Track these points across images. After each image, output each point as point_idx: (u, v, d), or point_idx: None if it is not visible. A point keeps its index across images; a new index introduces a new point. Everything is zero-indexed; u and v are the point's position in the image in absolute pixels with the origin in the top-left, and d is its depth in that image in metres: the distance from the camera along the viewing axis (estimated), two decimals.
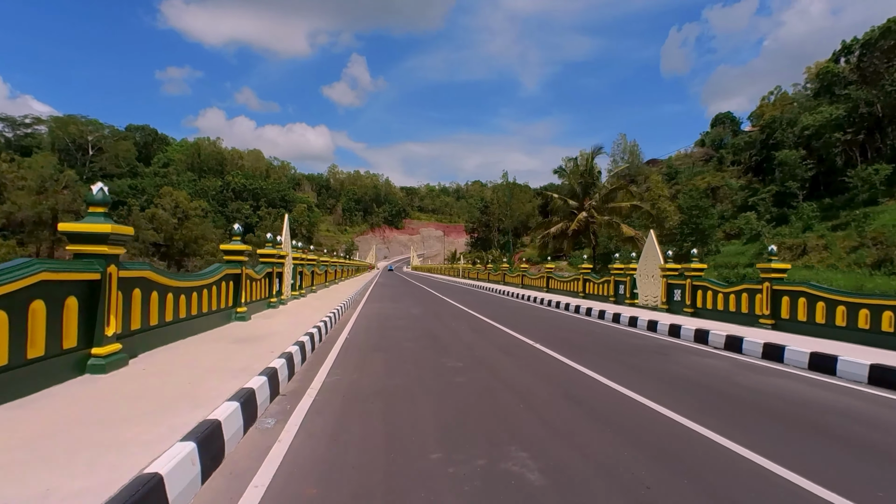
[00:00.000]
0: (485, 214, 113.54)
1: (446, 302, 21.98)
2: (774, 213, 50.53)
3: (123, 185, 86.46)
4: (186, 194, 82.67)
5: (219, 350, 7.45)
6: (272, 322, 11.15)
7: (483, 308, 18.76)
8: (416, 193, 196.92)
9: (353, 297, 20.23)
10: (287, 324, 10.91)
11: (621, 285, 19.83)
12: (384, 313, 15.81)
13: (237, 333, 9.15)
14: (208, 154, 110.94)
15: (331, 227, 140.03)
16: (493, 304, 21.69)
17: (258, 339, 8.64)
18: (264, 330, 9.78)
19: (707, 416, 5.25)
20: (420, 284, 38.10)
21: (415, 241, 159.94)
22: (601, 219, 33.50)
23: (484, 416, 5.15)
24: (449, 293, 28.12)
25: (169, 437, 3.57)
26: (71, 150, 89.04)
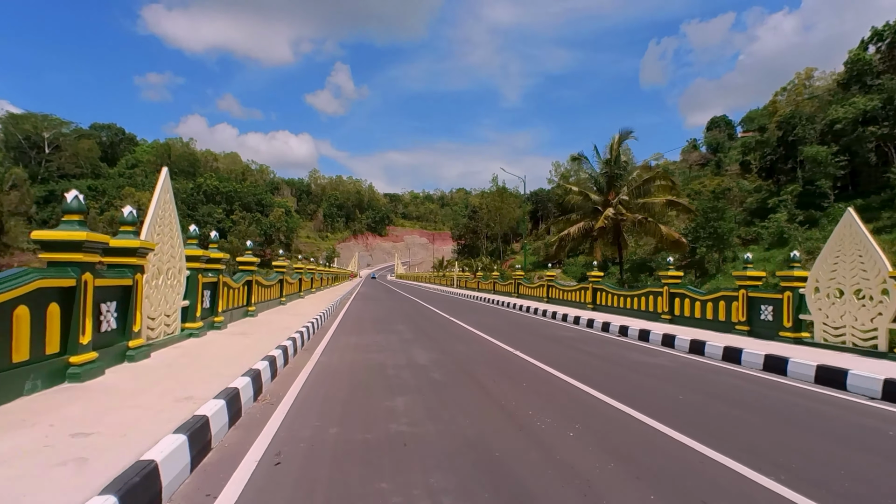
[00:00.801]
0: (472, 220, 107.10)
1: (466, 330, 12.74)
2: (798, 215, 44.91)
3: (82, 186, 77.84)
4: (150, 195, 74.49)
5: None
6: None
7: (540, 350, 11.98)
8: (400, 200, 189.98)
9: (318, 321, 13.13)
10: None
11: (765, 306, 11.35)
12: (365, 364, 7.71)
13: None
14: (180, 155, 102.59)
15: (311, 233, 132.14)
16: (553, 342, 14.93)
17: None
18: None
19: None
20: (411, 296, 31.04)
21: (399, 249, 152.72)
22: (631, 217, 27.07)
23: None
24: (455, 310, 20.71)
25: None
26: (24, 148, 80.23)
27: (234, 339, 8.84)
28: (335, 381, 6.47)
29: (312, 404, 5.37)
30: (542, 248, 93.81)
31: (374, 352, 8.88)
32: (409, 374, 6.92)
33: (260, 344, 8.06)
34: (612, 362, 8.42)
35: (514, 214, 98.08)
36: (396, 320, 15.16)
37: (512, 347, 9.55)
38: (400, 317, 16.63)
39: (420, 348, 9.36)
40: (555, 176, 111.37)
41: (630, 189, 27.72)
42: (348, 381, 6.55)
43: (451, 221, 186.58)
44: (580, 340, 11.09)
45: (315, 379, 6.61)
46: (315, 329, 11.74)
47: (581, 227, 28.18)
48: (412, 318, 15.97)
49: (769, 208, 49.27)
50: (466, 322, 14.72)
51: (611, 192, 28.56)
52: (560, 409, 5.32)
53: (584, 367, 7.78)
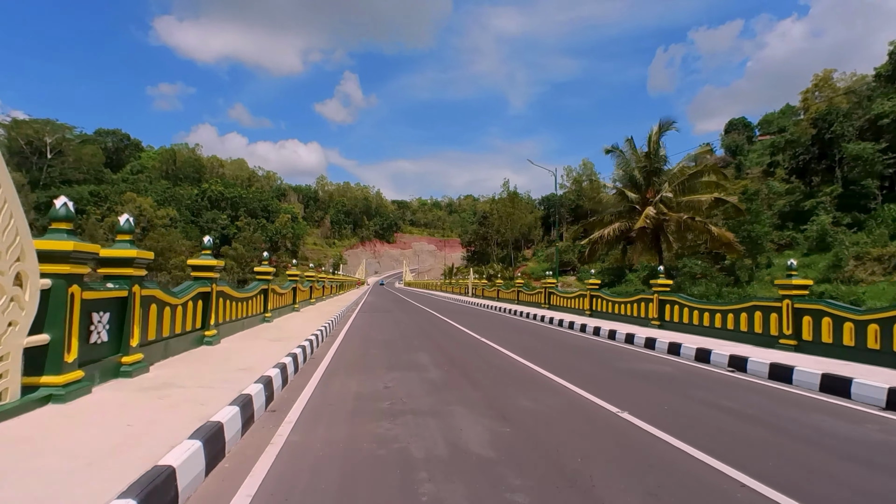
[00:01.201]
0: (483, 227, 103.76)
1: (514, 362, 8.99)
2: (842, 217, 41.22)
3: (84, 192, 75.48)
4: (152, 201, 71.84)
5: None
6: None
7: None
8: (408, 207, 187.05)
9: (307, 348, 9.36)
10: None
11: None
12: (372, 460, 3.92)
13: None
14: (185, 161, 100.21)
15: (318, 240, 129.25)
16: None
17: None
18: None
19: None
20: (424, 307, 27.35)
21: (407, 256, 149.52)
22: (675, 216, 23.62)
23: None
24: (484, 327, 16.19)
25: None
26: (27, 154, 77.98)
27: (140, 401, 4.92)
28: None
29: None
30: (602, 246, 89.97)
31: (386, 419, 5.12)
32: (463, 490, 3.41)
33: (170, 419, 4.33)
34: (757, 422, 5.02)
35: (526, 220, 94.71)
36: (414, 344, 11.26)
37: (608, 402, 6.02)
38: (418, 338, 12.61)
39: (461, 405, 5.76)
40: (567, 181, 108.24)
41: (673, 185, 24.24)
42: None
43: (459, 228, 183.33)
44: (699, 386, 7.54)
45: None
46: (300, 363, 8.26)
47: (617, 229, 24.72)
48: (434, 341, 12.18)
49: (805, 211, 45.58)
50: (508, 347, 11.08)
51: (649, 190, 25.10)
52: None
53: (761, 452, 4.35)
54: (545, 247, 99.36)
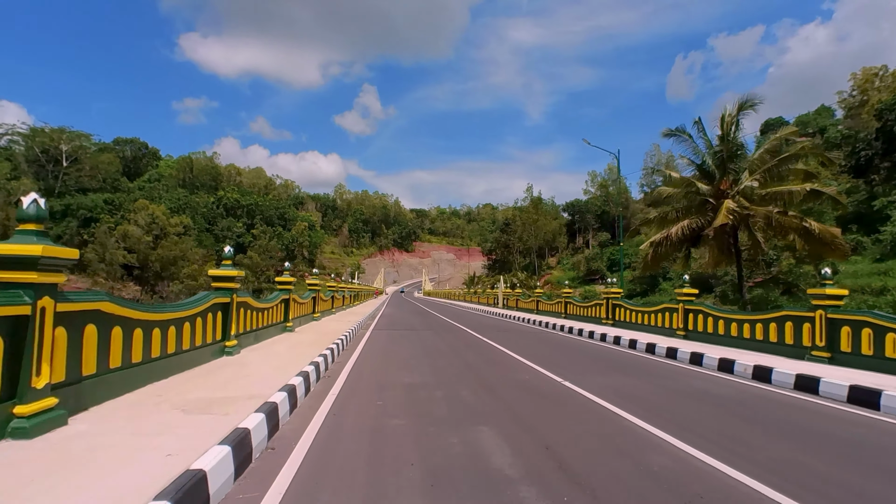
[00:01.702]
0: (505, 234, 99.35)
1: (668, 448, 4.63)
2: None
3: (98, 200, 73.19)
4: (165, 209, 69.09)
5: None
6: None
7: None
8: (427, 216, 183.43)
9: (281, 405, 5.24)
10: None
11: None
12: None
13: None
14: (202, 169, 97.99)
15: (336, 248, 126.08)
16: None
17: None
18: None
19: None
20: (456, 323, 22.71)
21: (426, 265, 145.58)
22: (761, 210, 19.09)
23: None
24: (557, 361, 10.76)
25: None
26: (42, 162, 76.19)
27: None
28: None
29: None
30: (583, 262, 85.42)
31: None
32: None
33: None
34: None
35: (550, 227, 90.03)
36: (463, 400, 6.59)
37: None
38: (464, 382, 7.76)
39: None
40: (591, 186, 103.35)
41: (757, 174, 19.69)
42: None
43: (478, 237, 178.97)
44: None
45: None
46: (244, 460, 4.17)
47: (687, 227, 20.22)
48: (495, 392, 7.15)
49: (873, 212, 40.32)
50: (645, 416, 6.77)
51: (724, 180, 20.58)
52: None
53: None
54: (570, 254, 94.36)
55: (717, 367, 10.04)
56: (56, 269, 4.40)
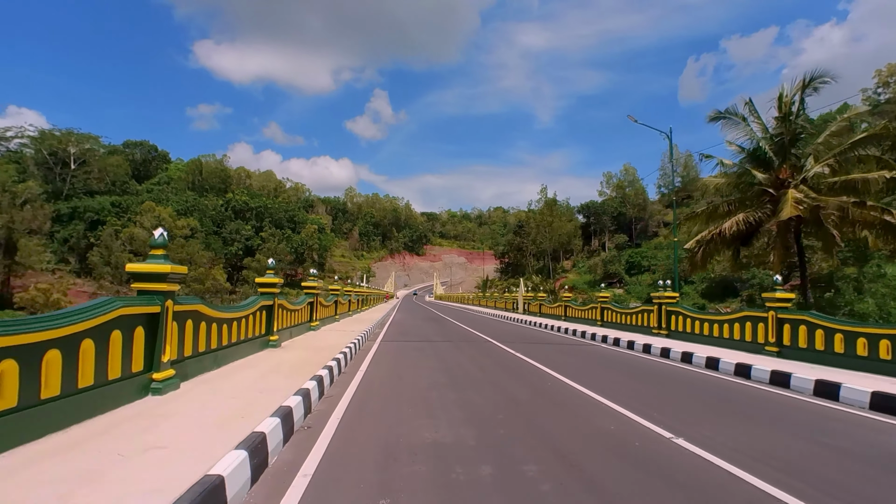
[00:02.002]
0: (518, 236, 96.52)
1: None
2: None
3: (105, 203, 71.72)
4: (172, 211, 67.33)
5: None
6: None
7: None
8: (437, 219, 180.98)
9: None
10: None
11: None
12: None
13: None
14: (211, 172, 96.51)
15: (346, 252, 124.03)
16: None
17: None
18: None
19: None
20: (477, 332, 19.40)
21: (437, 268, 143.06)
22: (833, 201, 16.28)
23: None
24: (648, 391, 8.20)
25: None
26: (50, 164, 75.00)
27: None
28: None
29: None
30: (600, 265, 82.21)
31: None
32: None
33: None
34: None
35: (566, 229, 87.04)
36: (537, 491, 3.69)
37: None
38: (528, 450, 4.71)
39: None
40: (606, 188, 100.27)
41: (824, 160, 16.89)
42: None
43: (490, 240, 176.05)
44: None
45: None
46: None
47: (742, 222, 17.44)
48: (588, 478, 4.00)
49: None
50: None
51: (783, 168, 17.78)
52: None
53: None
54: (586, 257, 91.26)
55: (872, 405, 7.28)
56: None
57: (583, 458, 4.57)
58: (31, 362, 3.98)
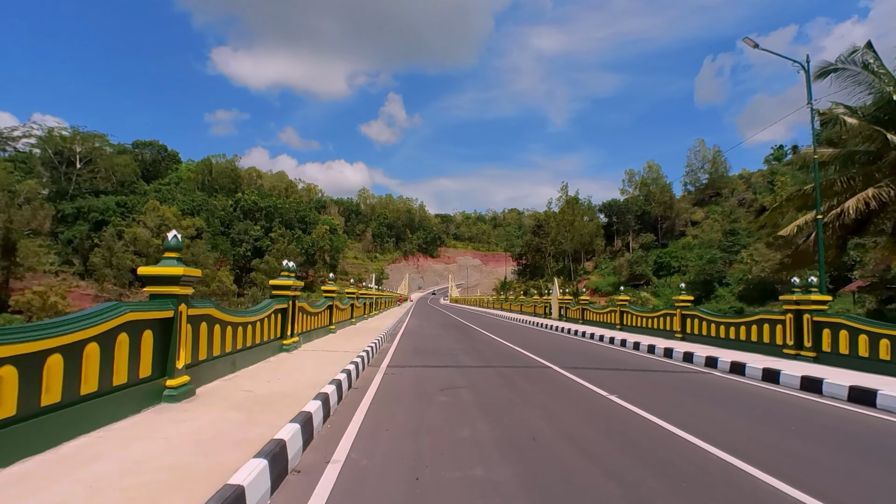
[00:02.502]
0: (536, 237, 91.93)
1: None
2: None
3: (110, 202, 68.80)
4: (177, 210, 64.01)
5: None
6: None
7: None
8: (452, 221, 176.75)
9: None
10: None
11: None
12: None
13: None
14: (221, 171, 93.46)
15: (359, 254, 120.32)
16: None
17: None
18: None
19: None
20: (517, 347, 14.93)
21: (451, 270, 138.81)
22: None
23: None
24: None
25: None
26: (55, 163, 72.34)
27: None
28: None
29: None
30: (625, 265, 77.11)
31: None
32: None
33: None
34: None
35: (588, 229, 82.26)
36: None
37: None
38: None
39: None
40: (628, 185, 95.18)
41: None
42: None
43: (504, 242, 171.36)
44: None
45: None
46: None
47: (873, 198, 12.87)
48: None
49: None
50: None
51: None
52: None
53: None
54: (608, 258, 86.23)
55: None
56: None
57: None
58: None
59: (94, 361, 4.47)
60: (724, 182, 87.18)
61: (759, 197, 75.34)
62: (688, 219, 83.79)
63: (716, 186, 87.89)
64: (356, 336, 14.93)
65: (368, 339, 13.48)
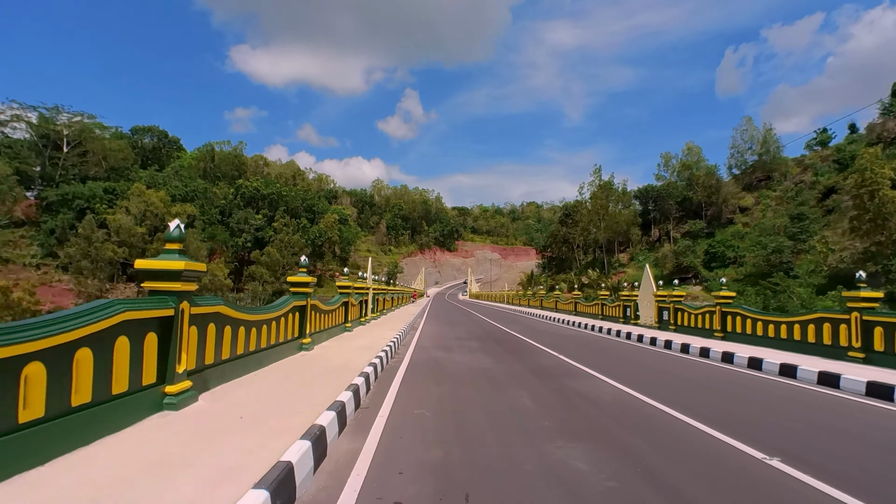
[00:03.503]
0: (564, 226, 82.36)
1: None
2: None
3: (97, 189, 61.35)
4: (165, 195, 56.16)
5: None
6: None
7: None
8: (469, 214, 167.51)
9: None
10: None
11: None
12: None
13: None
14: (224, 159, 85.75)
15: (373, 247, 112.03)
16: None
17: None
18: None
19: None
20: (688, 418, 7.25)
21: (469, 265, 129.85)
22: None
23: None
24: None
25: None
26: (38, 146, 65.15)
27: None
28: None
29: None
30: (670, 257, 67.38)
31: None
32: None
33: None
34: None
35: (623, 216, 72.51)
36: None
37: None
38: None
39: None
40: (664, 170, 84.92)
41: None
42: None
43: (524, 235, 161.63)
44: None
45: None
46: None
47: None
48: None
49: None
50: None
51: None
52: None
53: None
54: (645, 249, 76.41)
55: None
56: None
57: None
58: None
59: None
60: (776, 164, 76.41)
61: (820, 179, 65.08)
62: (736, 205, 73.38)
63: (766, 169, 77.18)
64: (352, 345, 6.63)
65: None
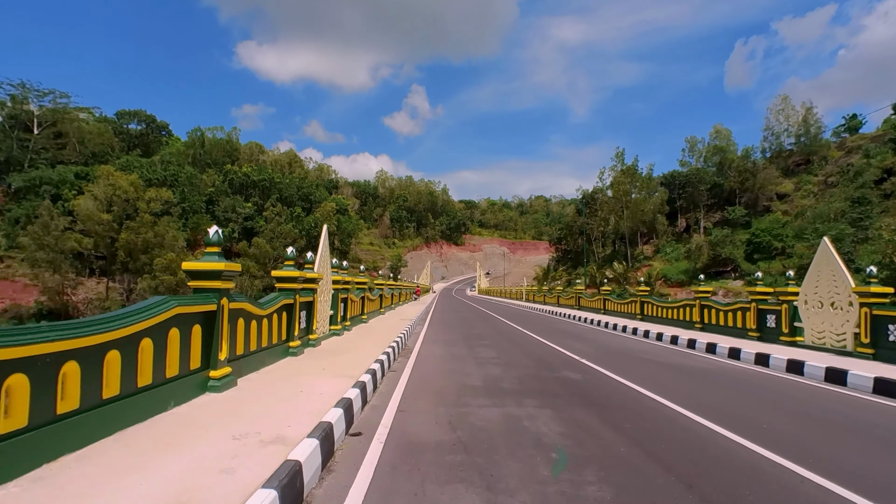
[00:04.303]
0: (580, 217, 74.63)
1: None
2: None
3: (68, 173, 54.43)
4: (137, 179, 49.03)
5: None
6: None
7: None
8: (476, 207, 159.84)
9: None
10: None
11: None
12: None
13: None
14: (215, 145, 78.63)
15: (376, 240, 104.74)
16: None
17: None
18: None
19: None
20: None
21: (477, 259, 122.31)
22: None
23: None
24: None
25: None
26: (5, 128, 58.19)
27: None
28: None
29: None
30: (705, 247, 59.78)
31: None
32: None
33: None
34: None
35: (648, 204, 64.72)
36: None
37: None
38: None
39: None
40: (689, 156, 76.90)
41: None
42: None
43: (532, 229, 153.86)
44: None
45: None
46: None
47: None
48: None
49: None
50: None
51: None
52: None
53: None
54: (671, 240, 68.61)
55: None
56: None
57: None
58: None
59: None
60: (816, 146, 68.06)
61: (872, 162, 56.96)
62: (773, 191, 65.18)
63: (805, 152, 68.87)
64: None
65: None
